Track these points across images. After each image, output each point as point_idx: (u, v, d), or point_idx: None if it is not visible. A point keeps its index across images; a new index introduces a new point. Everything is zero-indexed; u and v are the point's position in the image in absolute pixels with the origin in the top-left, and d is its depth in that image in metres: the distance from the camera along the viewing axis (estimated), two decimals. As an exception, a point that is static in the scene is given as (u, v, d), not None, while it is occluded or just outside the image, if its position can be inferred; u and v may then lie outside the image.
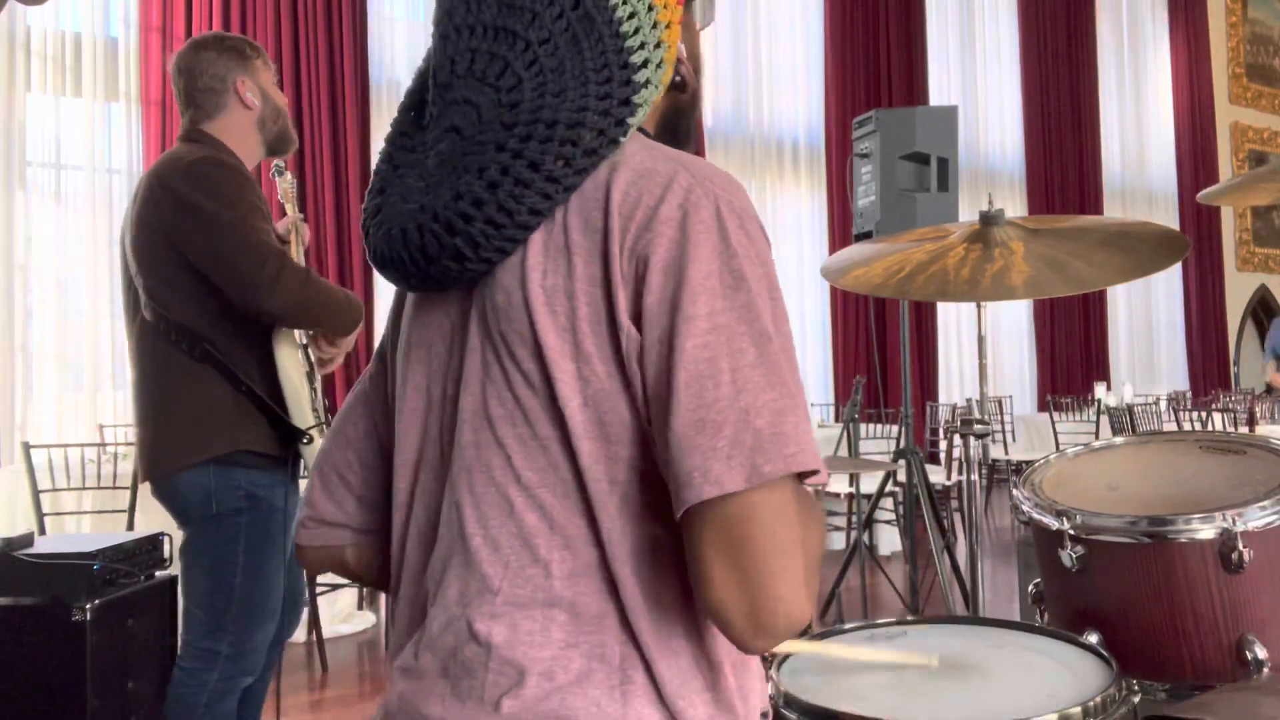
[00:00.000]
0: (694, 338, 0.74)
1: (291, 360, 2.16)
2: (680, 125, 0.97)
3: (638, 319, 0.77)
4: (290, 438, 2.16)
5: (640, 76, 0.84)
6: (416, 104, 0.89)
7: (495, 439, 0.81)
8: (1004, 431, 7.22)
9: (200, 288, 2.07)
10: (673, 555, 0.79)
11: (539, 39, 0.82)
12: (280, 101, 2.28)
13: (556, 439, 0.79)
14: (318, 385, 2.28)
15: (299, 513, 1.02)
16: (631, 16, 0.84)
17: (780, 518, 0.73)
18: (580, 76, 0.82)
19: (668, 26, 0.86)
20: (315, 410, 2.20)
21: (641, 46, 0.84)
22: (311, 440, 2.16)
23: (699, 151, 6.43)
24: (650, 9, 0.85)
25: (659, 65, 0.85)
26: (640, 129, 0.89)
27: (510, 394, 0.80)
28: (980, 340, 2.36)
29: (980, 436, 2.09)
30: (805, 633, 1.52)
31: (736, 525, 0.72)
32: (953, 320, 8.07)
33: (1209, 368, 9.89)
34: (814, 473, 0.75)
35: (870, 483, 4.78)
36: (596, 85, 0.82)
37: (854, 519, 4.71)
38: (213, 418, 2.09)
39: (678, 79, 0.93)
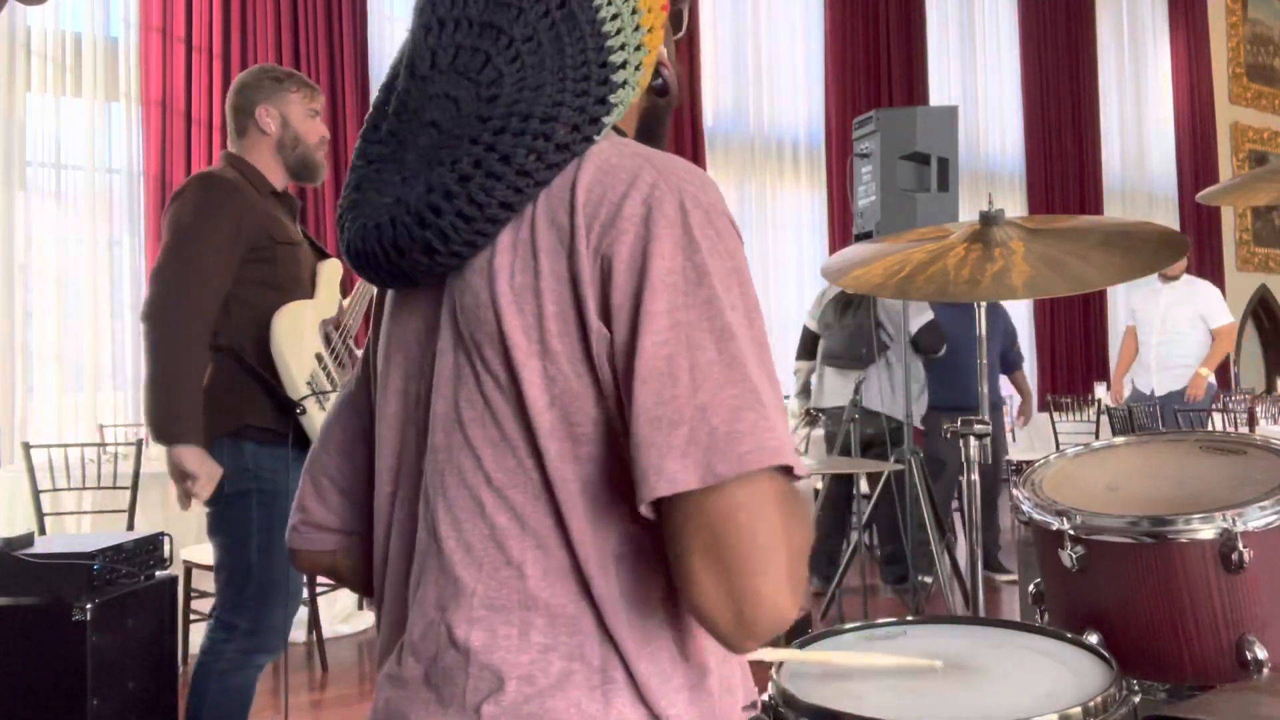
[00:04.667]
0: (653, 335, 0.74)
1: (288, 335, 2.29)
2: (657, 128, 0.97)
3: (607, 318, 0.77)
4: (289, 410, 2.29)
5: (619, 77, 0.84)
6: (385, 99, 0.88)
7: (466, 441, 0.80)
8: (1004, 432, 7.21)
9: None
10: (645, 554, 0.79)
11: (523, 35, 0.82)
12: (306, 131, 2.42)
13: (525, 439, 0.78)
14: (329, 365, 2.39)
15: (291, 518, 1.01)
16: (615, 18, 0.84)
17: (760, 515, 0.72)
18: (559, 73, 0.82)
19: (649, 30, 0.86)
20: (309, 383, 2.31)
21: (622, 48, 0.84)
22: (304, 411, 2.28)
23: (697, 152, 6.32)
24: (634, 12, 0.85)
25: (637, 67, 0.85)
26: (617, 129, 0.88)
27: (480, 395, 0.80)
28: (980, 340, 2.36)
29: (980, 436, 2.09)
30: (807, 630, 1.52)
31: (716, 524, 0.72)
32: (953, 320, 8.06)
33: (1209, 368, 9.88)
34: (787, 468, 0.74)
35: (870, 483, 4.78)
36: (574, 82, 0.82)
37: (854, 519, 4.70)
38: (221, 397, 2.26)
39: (659, 83, 0.93)
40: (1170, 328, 5.59)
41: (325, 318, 2.44)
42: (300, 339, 2.32)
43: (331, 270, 2.50)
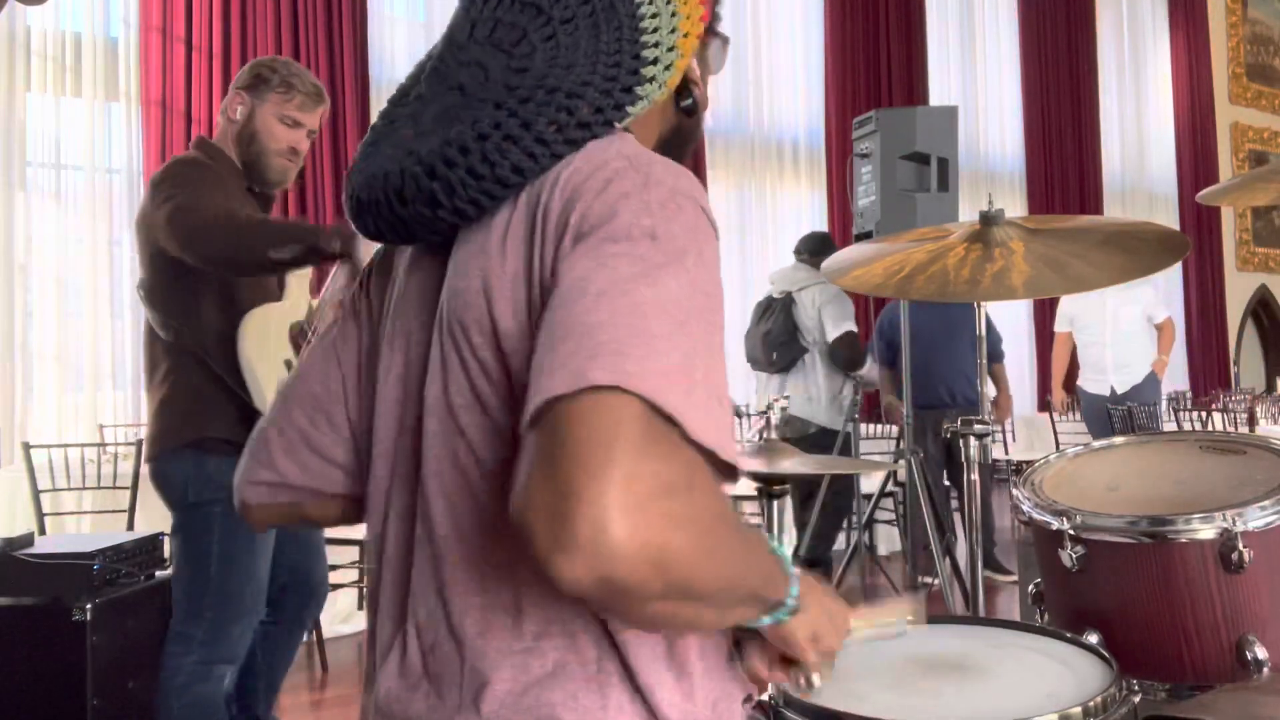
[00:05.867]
0: (574, 271, 0.72)
1: (256, 343, 2.21)
2: (681, 146, 0.97)
3: None
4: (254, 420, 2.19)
5: (648, 71, 0.85)
6: (421, 69, 0.91)
7: (458, 428, 0.80)
8: (1004, 431, 7.21)
9: (170, 277, 2.18)
10: None
11: (561, 17, 0.85)
12: (268, 133, 2.28)
13: (515, 428, 0.77)
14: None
15: (245, 471, 0.98)
16: (654, 16, 0.86)
17: (614, 428, 0.63)
18: (592, 56, 0.83)
19: (685, 35, 0.88)
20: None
21: (656, 45, 0.86)
22: None
23: (697, 152, 6.27)
24: (674, 14, 0.87)
25: (668, 67, 0.86)
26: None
27: (468, 383, 0.80)
28: (980, 340, 2.36)
29: (980, 436, 2.09)
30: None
31: (556, 423, 0.64)
32: (953, 320, 8.06)
33: (1209, 368, 9.89)
34: (733, 469, 0.69)
35: (870, 483, 4.78)
36: (605, 67, 0.83)
37: (854, 519, 4.70)
38: (186, 404, 2.19)
39: (688, 102, 0.94)
40: (1123, 328, 5.71)
41: (293, 321, 2.34)
42: (268, 346, 2.24)
43: (301, 270, 2.36)
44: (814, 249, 4.74)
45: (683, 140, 0.97)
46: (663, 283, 0.70)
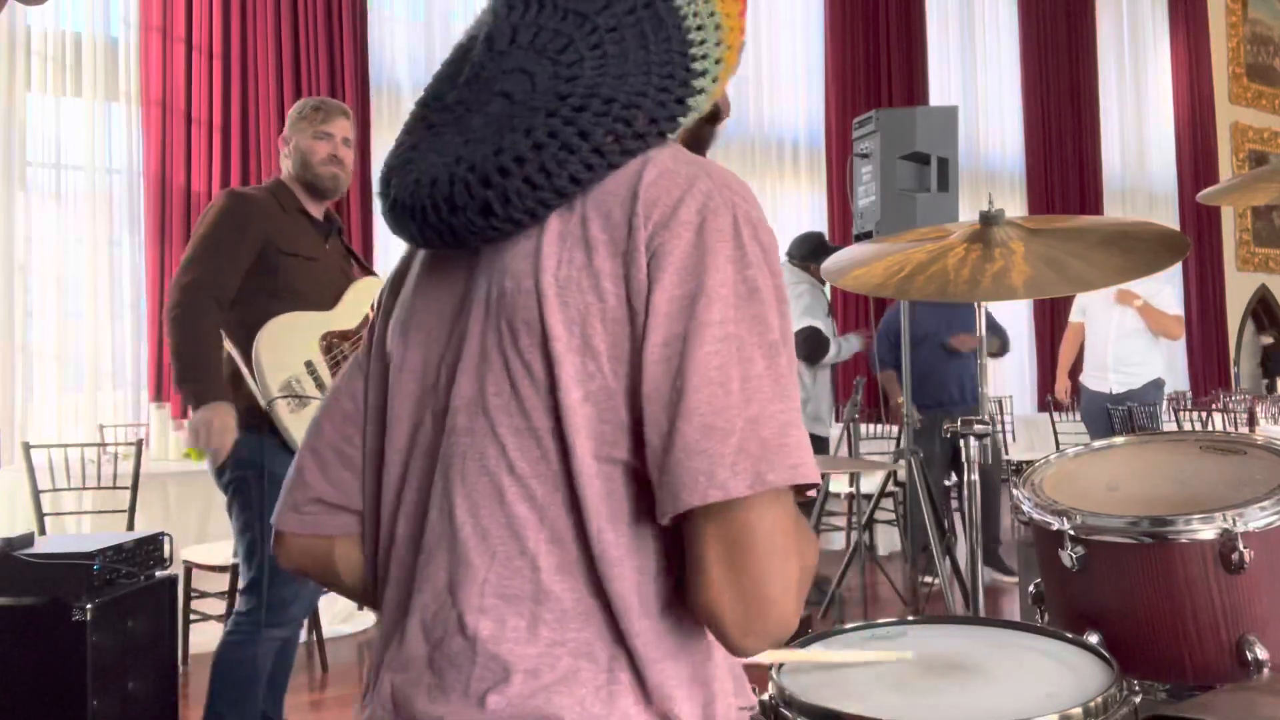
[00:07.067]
0: (707, 344, 0.75)
1: (270, 341, 2.43)
2: (699, 151, 0.97)
3: (646, 314, 0.77)
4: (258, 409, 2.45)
5: (699, 83, 0.86)
6: (456, 72, 0.89)
7: (490, 426, 0.80)
8: (1004, 432, 7.22)
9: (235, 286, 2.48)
10: (659, 556, 0.79)
11: (607, 25, 0.84)
12: (309, 150, 2.65)
13: (552, 432, 0.78)
14: (319, 371, 2.50)
15: (281, 500, 0.96)
16: (699, 29, 0.86)
17: (780, 526, 0.75)
18: (644, 66, 0.83)
19: (729, 48, 0.88)
20: (291, 384, 2.44)
21: (704, 56, 0.86)
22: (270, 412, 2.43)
23: (698, 153, 6.33)
24: (717, 27, 0.87)
25: (715, 79, 0.87)
26: None
27: (508, 383, 0.80)
28: (980, 340, 2.37)
29: (980, 436, 2.09)
30: (808, 630, 1.53)
31: (738, 530, 0.74)
32: (953, 320, 8.04)
33: (1209, 368, 9.88)
34: (812, 486, 0.77)
35: (870, 483, 4.78)
36: (659, 78, 0.84)
37: (854, 519, 4.70)
38: (230, 385, 2.46)
39: (713, 108, 0.94)
40: (1127, 327, 5.56)
41: (334, 329, 2.57)
42: (287, 345, 2.48)
43: (366, 287, 2.67)
44: (804, 253, 4.73)
45: (699, 147, 0.98)
46: (777, 346, 0.78)
